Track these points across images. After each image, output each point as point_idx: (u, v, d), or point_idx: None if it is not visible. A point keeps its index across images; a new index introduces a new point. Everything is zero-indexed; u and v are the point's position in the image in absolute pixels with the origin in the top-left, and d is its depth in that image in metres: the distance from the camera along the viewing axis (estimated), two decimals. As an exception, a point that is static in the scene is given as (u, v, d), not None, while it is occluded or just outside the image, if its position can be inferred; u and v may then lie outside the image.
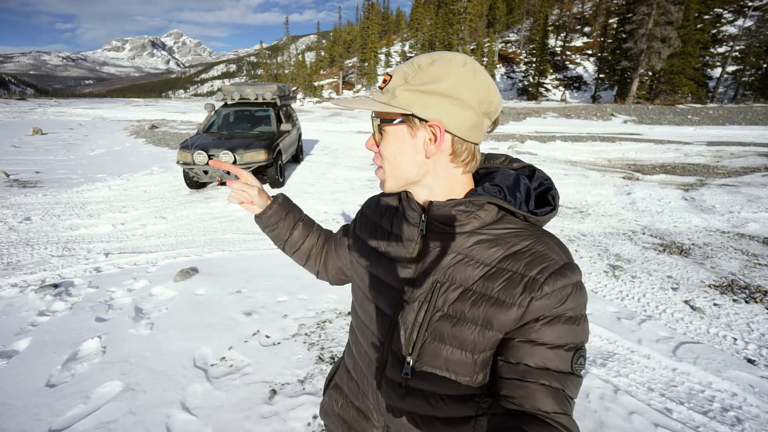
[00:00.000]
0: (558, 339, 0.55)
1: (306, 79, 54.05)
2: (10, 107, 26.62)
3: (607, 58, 34.64)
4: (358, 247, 0.79)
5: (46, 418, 1.83)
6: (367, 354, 0.75)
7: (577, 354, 0.56)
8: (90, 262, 3.55)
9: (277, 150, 6.49)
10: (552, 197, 0.63)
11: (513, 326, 0.57)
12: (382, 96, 0.60)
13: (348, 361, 0.85)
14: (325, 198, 5.88)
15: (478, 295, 0.59)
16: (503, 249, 0.59)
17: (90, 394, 1.99)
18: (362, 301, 0.75)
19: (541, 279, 0.56)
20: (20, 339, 2.42)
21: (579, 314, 0.57)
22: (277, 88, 7.39)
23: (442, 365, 0.62)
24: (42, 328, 2.54)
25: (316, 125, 17.39)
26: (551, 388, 0.54)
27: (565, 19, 49.41)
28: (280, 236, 0.90)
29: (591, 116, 21.79)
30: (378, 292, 0.71)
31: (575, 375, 0.56)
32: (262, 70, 63.65)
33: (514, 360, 0.56)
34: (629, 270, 3.64)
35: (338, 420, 0.84)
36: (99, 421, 1.82)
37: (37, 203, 5.34)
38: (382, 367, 0.70)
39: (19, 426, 1.78)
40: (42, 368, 2.16)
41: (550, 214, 0.61)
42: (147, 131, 14.52)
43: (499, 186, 0.62)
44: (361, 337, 0.77)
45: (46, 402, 1.93)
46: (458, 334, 0.60)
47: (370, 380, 0.74)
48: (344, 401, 0.84)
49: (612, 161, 10.22)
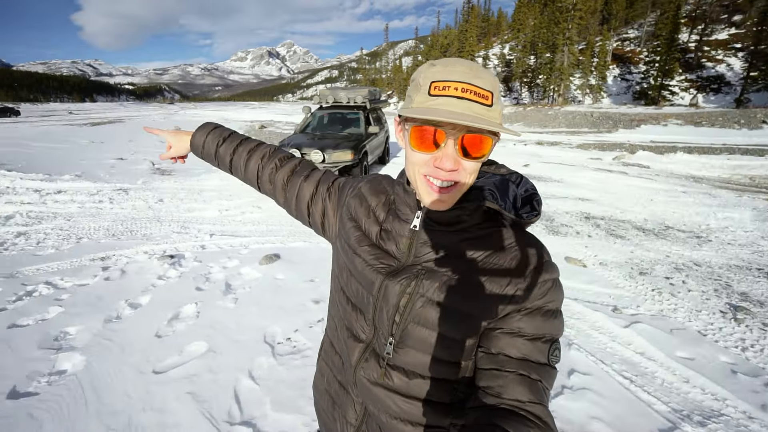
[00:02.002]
0: (536, 330, 0.59)
1: (401, 84, 55.39)
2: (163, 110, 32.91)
3: (764, 51, 28.28)
4: (348, 220, 0.79)
5: (152, 362, 2.23)
6: (348, 330, 0.75)
7: (554, 346, 0.60)
8: (198, 240, 4.19)
9: (363, 151, 6.81)
10: (537, 203, 0.67)
11: (495, 315, 0.61)
12: (491, 111, 0.57)
13: (331, 335, 0.86)
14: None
15: (463, 284, 0.62)
16: (490, 246, 0.64)
17: (183, 349, 2.36)
18: (347, 278, 0.76)
19: (526, 272, 0.61)
20: (144, 295, 2.98)
21: (556, 308, 0.62)
22: (368, 92, 7.76)
23: (423, 348, 0.64)
24: (158, 289, 3.09)
25: (405, 128, 17.71)
26: (529, 379, 0.56)
27: (705, 7, 41.75)
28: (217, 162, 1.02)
29: (730, 124, 18.12)
30: (364, 273, 0.71)
31: (551, 367, 0.59)
32: (360, 75, 67.07)
33: (495, 350, 0.59)
34: (760, 315, 2.96)
35: (325, 394, 0.85)
36: (186, 372, 2.16)
37: (169, 188, 6.49)
38: (365, 345, 0.72)
39: (135, 365, 2.20)
40: (154, 321, 2.63)
41: (535, 218, 0.66)
42: (257, 130, 16.49)
43: (491, 190, 0.66)
44: (343, 312, 0.78)
45: (153, 348, 2.35)
46: (441, 321, 0.62)
47: (352, 356, 0.74)
48: (330, 375, 0.84)
49: (755, 179, 8.40)
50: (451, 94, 0.55)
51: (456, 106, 0.55)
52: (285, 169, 0.95)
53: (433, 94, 0.56)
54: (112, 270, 3.38)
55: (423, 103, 0.57)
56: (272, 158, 0.96)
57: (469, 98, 0.55)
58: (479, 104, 0.55)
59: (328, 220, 0.88)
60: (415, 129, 0.59)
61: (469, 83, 0.55)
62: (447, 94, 0.55)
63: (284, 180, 0.93)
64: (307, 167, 0.95)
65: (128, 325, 2.59)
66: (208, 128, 1.02)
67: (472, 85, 0.55)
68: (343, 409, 0.78)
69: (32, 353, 2.27)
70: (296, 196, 0.91)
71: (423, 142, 0.59)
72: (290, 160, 0.97)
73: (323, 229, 0.90)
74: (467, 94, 0.55)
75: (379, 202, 0.76)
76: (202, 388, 2.05)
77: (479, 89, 0.56)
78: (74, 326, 2.55)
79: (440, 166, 0.58)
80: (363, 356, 0.72)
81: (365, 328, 0.72)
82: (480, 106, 0.55)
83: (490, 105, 0.56)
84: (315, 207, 0.90)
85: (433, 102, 0.56)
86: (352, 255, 0.73)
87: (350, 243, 0.75)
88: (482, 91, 0.56)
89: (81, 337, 2.45)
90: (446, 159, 0.57)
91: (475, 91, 0.55)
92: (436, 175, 0.59)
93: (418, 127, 0.58)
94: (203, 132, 1.01)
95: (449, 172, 0.58)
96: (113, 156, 9.72)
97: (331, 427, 0.83)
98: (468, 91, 0.55)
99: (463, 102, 0.55)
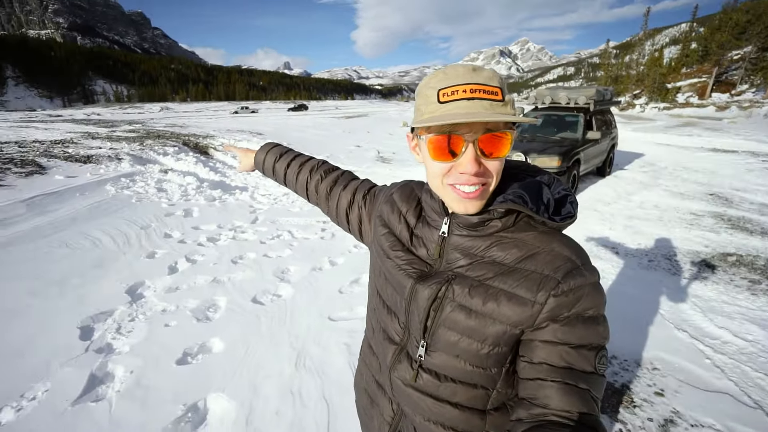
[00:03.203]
0: (580, 339, 0.57)
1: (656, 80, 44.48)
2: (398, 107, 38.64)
3: None
4: (381, 226, 0.80)
5: (330, 310, 2.79)
6: (384, 332, 0.77)
7: (600, 354, 0.57)
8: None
9: (574, 159, 6.00)
10: (572, 204, 0.65)
11: (529, 323, 0.59)
12: (504, 106, 0.57)
13: (369, 336, 0.86)
14: (616, 222, 4.95)
15: (493, 290, 0.61)
16: (522, 251, 0.62)
17: (353, 308, 2.83)
18: (383, 282, 0.77)
19: (559, 278, 0.58)
20: (341, 257, 3.71)
21: (597, 314, 0.59)
22: (596, 92, 6.68)
23: (455, 353, 0.64)
24: (352, 255, 3.77)
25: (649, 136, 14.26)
26: (577, 388, 0.54)
27: None
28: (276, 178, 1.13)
29: None
30: (396, 276, 0.72)
31: (599, 375, 0.56)
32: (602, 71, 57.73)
33: (537, 360, 0.58)
34: None
35: (364, 393, 0.88)
36: (350, 327, 2.59)
37: (386, 174, 7.64)
38: (399, 347, 0.74)
39: (319, 308, 2.82)
40: (341, 279, 3.25)
41: (569, 221, 0.63)
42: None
43: (521, 193, 0.62)
44: (379, 315, 0.79)
45: (334, 300, 2.93)
46: (472, 326, 0.62)
47: (386, 357, 0.76)
48: (368, 375, 0.86)
49: None
50: (461, 97, 0.55)
51: (468, 107, 0.55)
52: (328, 179, 1.01)
53: (443, 101, 0.56)
54: (327, 232, 4.34)
55: (434, 112, 0.56)
56: (318, 170, 1.04)
57: (479, 97, 0.55)
58: (490, 101, 0.55)
59: (364, 226, 0.91)
60: (432, 140, 0.58)
61: (475, 83, 0.56)
62: (457, 98, 0.55)
63: (327, 190, 1.00)
64: (348, 177, 1.01)
65: (325, 276, 3.31)
66: (268, 147, 1.14)
67: (479, 84, 0.56)
68: (380, 408, 0.81)
69: (269, 277, 3.25)
70: (336, 205, 0.97)
71: (441, 151, 0.59)
72: (334, 172, 1.03)
73: (361, 235, 0.93)
74: (477, 93, 0.55)
75: (410, 208, 0.76)
76: (358, 343, 2.41)
77: (487, 86, 0.56)
78: (294, 266, 3.47)
79: (464, 172, 0.58)
80: (397, 358, 0.73)
81: (399, 330, 0.73)
82: (492, 102, 0.55)
83: (501, 100, 0.56)
84: (352, 214, 0.94)
85: (444, 108, 0.56)
86: (386, 259, 0.75)
87: (384, 248, 0.76)
88: (490, 88, 0.56)
89: (295, 276, 3.31)
90: (469, 164, 0.57)
91: (483, 89, 0.55)
92: (462, 181, 0.59)
93: (435, 137, 0.58)
94: (263, 151, 1.14)
95: (476, 176, 0.58)
96: (353, 144, 12.17)
97: (369, 424, 0.87)
98: (477, 91, 0.55)
99: (474, 102, 0.55)
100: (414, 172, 7.82)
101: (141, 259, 3.49)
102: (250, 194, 5.90)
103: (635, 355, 2.41)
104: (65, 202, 4.80)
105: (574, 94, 6.90)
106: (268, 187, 6.36)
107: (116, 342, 2.38)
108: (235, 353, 2.30)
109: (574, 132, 6.68)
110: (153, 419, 1.82)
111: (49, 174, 5.71)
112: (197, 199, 5.48)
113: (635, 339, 2.56)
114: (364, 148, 11.36)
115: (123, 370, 2.15)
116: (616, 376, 2.24)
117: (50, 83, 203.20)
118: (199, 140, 9.78)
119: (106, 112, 41.07)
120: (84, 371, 2.10)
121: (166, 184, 6.03)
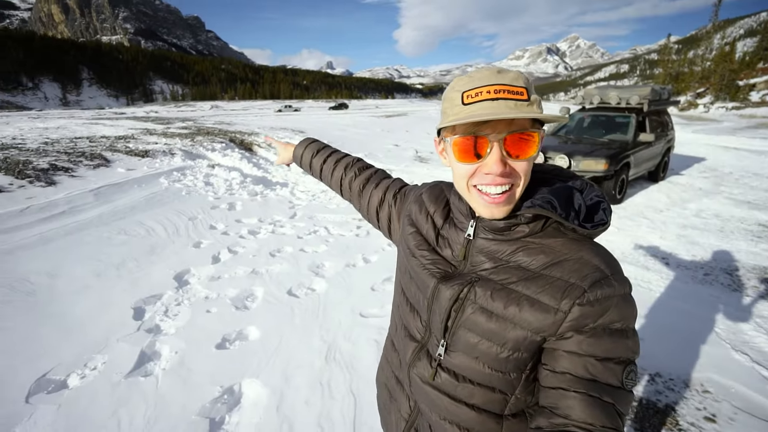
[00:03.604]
0: (606, 351, 0.55)
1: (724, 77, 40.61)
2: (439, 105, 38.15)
3: None
4: (408, 225, 0.81)
5: (362, 307, 2.84)
6: (406, 329, 0.78)
7: (628, 369, 0.55)
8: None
9: (623, 162, 5.65)
10: (604, 211, 0.62)
11: (551, 331, 0.57)
12: (530, 105, 0.57)
13: (392, 333, 0.87)
14: (668, 231, 4.60)
15: (516, 294, 0.59)
16: (548, 257, 0.60)
17: (384, 306, 2.86)
18: (408, 280, 0.78)
19: (585, 286, 0.56)
20: (374, 255, 3.76)
21: (625, 327, 0.56)
22: (651, 92, 6.23)
23: (474, 354, 0.64)
24: (386, 253, 3.80)
25: (713, 138, 13.06)
26: (601, 401, 0.53)
27: None
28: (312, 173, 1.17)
29: None
30: (420, 275, 0.72)
31: (626, 390, 0.55)
32: (660, 68, 53.64)
33: (560, 369, 0.57)
34: None
35: (384, 388, 0.89)
36: (379, 324, 2.62)
37: (424, 173, 7.62)
38: (419, 345, 0.74)
39: (351, 304, 2.87)
40: (374, 277, 3.29)
41: (601, 228, 0.61)
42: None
43: (550, 199, 0.61)
44: (402, 312, 0.80)
45: (366, 297, 2.97)
46: (492, 329, 0.61)
47: (407, 354, 0.77)
48: (389, 371, 0.87)
49: None
50: (485, 98, 0.55)
51: (492, 107, 0.55)
52: (361, 177, 1.03)
53: (467, 103, 0.57)
54: (362, 230, 4.40)
55: (458, 114, 0.56)
56: (353, 168, 1.06)
57: (504, 97, 0.55)
58: (515, 101, 0.55)
59: (394, 224, 0.92)
60: (457, 141, 0.58)
61: (499, 84, 0.55)
62: (481, 99, 0.55)
63: (360, 187, 1.02)
64: (380, 176, 1.02)
65: (358, 273, 3.37)
66: (306, 143, 1.18)
67: (504, 84, 0.55)
68: (398, 404, 0.82)
69: (304, 271, 3.36)
70: (368, 202, 0.99)
71: (466, 153, 0.59)
72: (367, 170, 1.05)
73: (390, 232, 0.94)
74: (501, 93, 0.55)
75: (438, 209, 0.76)
76: (386, 342, 2.45)
77: (511, 87, 0.55)
78: (328, 261, 3.56)
79: (490, 172, 0.57)
80: (416, 355, 0.74)
81: (420, 328, 0.74)
82: (516, 102, 0.55)
83: (527, 100, 0.55)
84: (382, 212, 0.95)
85: (468, 110, 0.56)
86: (411, 258, 0.76)
87: (410, 246, 0.77)
88: (515, 88, 0.55)
89: (329, 271, 3.39)
90: (494, 164, 0.56)
91: (507, 90, 0.55)
92: (487, 182, 0.58)
93: (460, 139, 0.59)
94: (302, 146, 1.18)
95: (501, 177, 0.57)
96: (392, 142, 12.21)
97: (387, 419, 0.88)
98: (501, 91, 0.55)
99: (498, 102, 0.55)
100: (450, 172, 7.72)
101: (188, 248, 3.73)
102: (290, 190, 6.11)
103: (683, 374, 2.23)
104: (125, 193, 5.24)
105: (626, 93, 6.47)
106: (307, 184, 6.56)
107: (163, 324, 2.57)
108: (269, 342, 2.41)
109: (624, 134, 6.28)
110: (193, 398, 1.96)
111: (113, 167, 6.25)
112: (240, 193, 5.76)
113: (684, 357, 2.37)
114: (402, 147, 11.37)
115: (168, 350, 2.32)
116: (659, 395, 2.09)
117: (117, 83, 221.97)
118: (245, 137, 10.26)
119: (163, 110, 44.22)
120: (136, 348, 2.29)
121: (212, 178, 6.40)
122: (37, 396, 1.93)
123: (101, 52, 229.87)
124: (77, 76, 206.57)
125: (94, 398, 1.93)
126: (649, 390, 2.13)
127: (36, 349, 2.25)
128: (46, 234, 3.79)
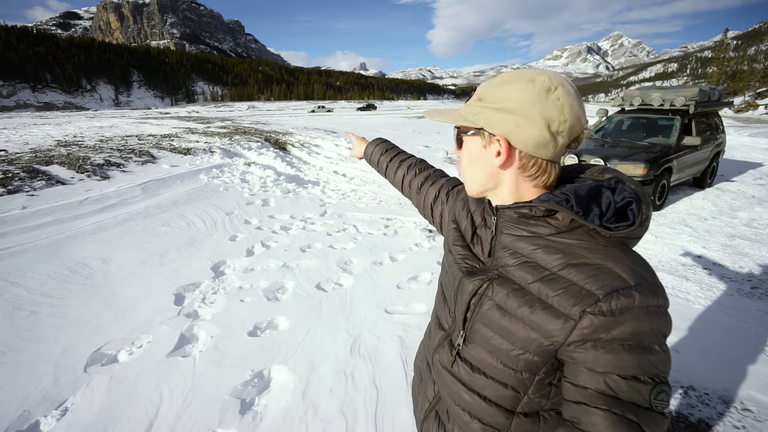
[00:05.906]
0: (628, 369, 0.52)
1: (788, 77, 37.27)
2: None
3: None
4: (451, 221, 0.85)
5: (387, 303, 2.90)
6: (437, 318, 0.84)
7: (657, 389, 0.52)
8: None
9: (664, 167, 5.37)
10: (631, 212, 0.58)
11: (559, 339, 0.56)
12: (465, 109, 0.67)
13: (431, 320, 0.91)
14: (712, 240, 4.34)
15: (530, 296, 0.59)
16: (567, 258, 0.58)
17: (409, 303, 2.91)
18: (444, 272, 0.84)
19: (600, 295, 0.52)
20: (401, 254, 3.81)
21: (646, 343, 0.53)
22: (699, 92, 5.87)
23: (488, 348, 0.66)
24: (413, 252, 3.84)
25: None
26: (626, 420, 0.51)
27: None
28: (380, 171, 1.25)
29: None
30: (452, 269, 0.77)
31: (655, 412, 0.52)
32: (714, 67, 50.01)
33: (581, 384, 0.56)
34: None
35: (417, 370, 0.96)
36: (404, 321, 2.67)
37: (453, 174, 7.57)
38: (446, 333, 0.79)
39: (377, 300, 2.94)
40: (400, 275, 3.34)
41: (627, 230, 0.57)
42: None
43: (567, 194, 0.59)
44: (438, 302, 0.86)
45: (391, 294, 3.03)
46: (505, 327, 0.62)
47: (434, 340, 0.82)
48: (422, 355, 0.92)
49: None
50: None
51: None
52: (421, 176, 1.09)
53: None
54: (390, 229, 4.47)
55: None
56: (414, 168, 1.13)
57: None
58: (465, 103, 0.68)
59: (444, 220, 0.97)
60: None
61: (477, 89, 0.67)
62: None
63: (418, 185, 1.08)
64: (438, 175, 1.08)
65: (385, 270, 3.43)
66: (377, 142, 1.27)
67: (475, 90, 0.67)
68: (425, 386, 0.88)
69: (332, 267, 3.47)
70: (424, 199, 1.05)
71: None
72: (427, 170, 1.11)
73: (441, 228, 0.99)
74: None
75: (478, 208, 0.79)
76: (410, 336, 2.49)
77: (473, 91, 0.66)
78: (356, 258, 3.65)
79: None
80: (441, 343, 0.79)
81: (448, 318, 0.79)
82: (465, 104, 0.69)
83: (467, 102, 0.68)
84: (436, 209, 1.01)
85: None
86: (447, 252, 0.81)
87: (448, 241, 0.82)
88: (473, 92, 0.66)
89: (357, 267, 3.48)
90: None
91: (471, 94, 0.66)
92: None
93: None
94: (372, 144, 1.28)
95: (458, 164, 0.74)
96: (422, 143, 12.21)
97: (416, 399, 0.94)
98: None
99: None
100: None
101: (224, 241, 3.95)
102: (321, 189, 6.29)
103: (720, 390, 2.13)
104: (169, 188, 5.60)
105: (671, 94, 6.13)
106: (338, 183, 6.72)
107: (201, 310, 2.75)
108: (297, 332, 2.52)
109: (666, 137, 5.95)
110: (226, 379, 2.09)
111: (159, 163, 6.68)
112: (274, 190, 5.99)
113: (722, 372, 2.26)
114: (432, 148, 11.34)
115: (205, 334, 2.48)
116: (692, 409, 2.01)
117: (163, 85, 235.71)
118: (279, 137, 10.62)
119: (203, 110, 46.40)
120: (176, 331, 2.47)
121: (248, 175, 6.69)
122: (93, 367, 2.15)
123: (150, 55, 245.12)
124: (128, 79, 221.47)
125: (141, 373, 2.12)
126: (681, 403, 2.05)
127: (92, 326, 2.49)
128: (101, 223, 4.14)
